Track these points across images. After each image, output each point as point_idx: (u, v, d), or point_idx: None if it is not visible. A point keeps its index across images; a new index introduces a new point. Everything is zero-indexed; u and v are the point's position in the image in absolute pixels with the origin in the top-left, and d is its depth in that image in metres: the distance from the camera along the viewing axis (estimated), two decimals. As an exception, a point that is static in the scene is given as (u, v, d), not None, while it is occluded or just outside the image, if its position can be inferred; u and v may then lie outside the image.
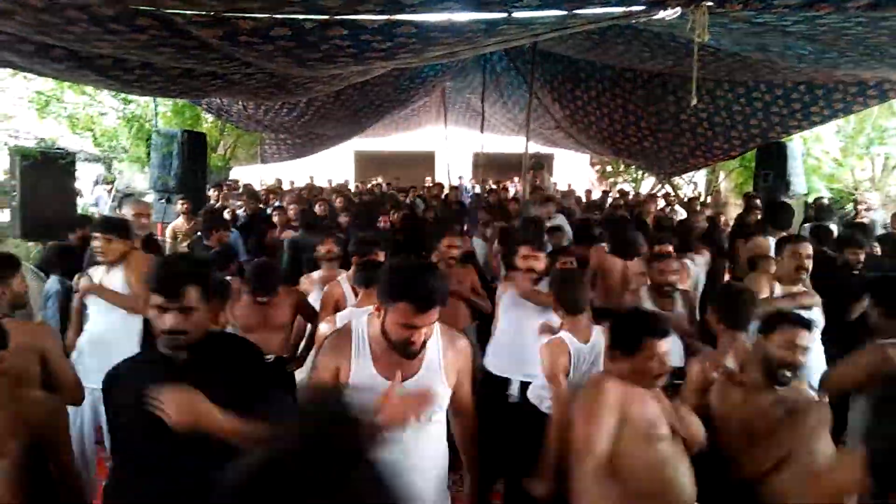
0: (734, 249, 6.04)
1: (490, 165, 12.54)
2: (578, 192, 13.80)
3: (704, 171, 12.83)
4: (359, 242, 4.19)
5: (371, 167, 20.73)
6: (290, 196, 10.05)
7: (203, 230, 5.84)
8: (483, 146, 11.42)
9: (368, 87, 8.48)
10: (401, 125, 15.41)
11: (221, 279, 3.91)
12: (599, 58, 7.84)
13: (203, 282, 1.98)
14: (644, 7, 3.58)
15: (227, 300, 3.69)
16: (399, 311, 2.01)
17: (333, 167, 19.15)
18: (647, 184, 15.69)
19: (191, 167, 8.51)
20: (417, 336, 2.04)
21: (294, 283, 4.67)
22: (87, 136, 9.98)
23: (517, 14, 3.66)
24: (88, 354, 3.58)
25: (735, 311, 3.04)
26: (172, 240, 7.00)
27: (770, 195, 7.84)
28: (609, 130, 9.85)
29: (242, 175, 14.39)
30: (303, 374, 4.10)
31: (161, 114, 9.92)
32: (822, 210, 7.83)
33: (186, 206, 7.06)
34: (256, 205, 8.77)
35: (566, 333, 3.17)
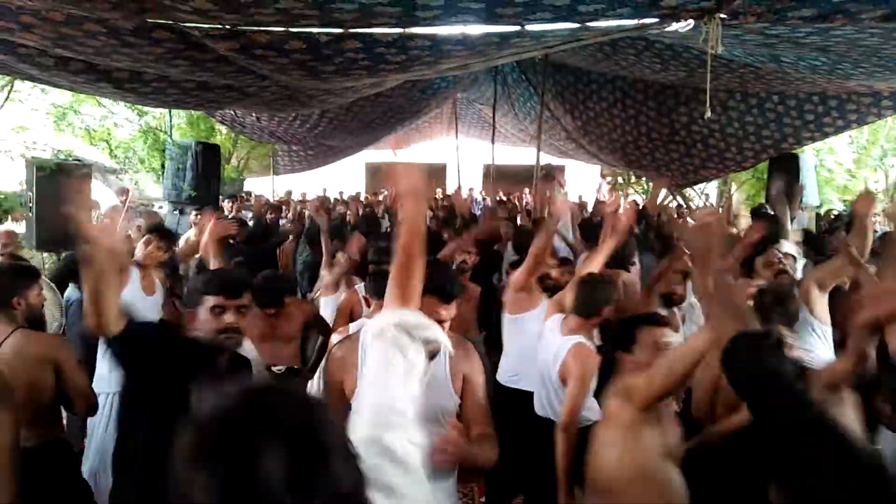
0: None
1: (501, 177, 12.53)
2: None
3: (716, 183, 12.77)
4: (375, 251, 4.20)
5: (382, 178, 20.78)
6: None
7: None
8: (494, 157, 11.43)
9: (381, 99, 8.53)
10: (412, 136, 15.46)
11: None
12: (611, 69, 7.85)
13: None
14: (657, 19, 3.59)
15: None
16: (426, 305, 1.93)
17: (345, 179, 19.22)
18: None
19: (204, 178, 8.59)
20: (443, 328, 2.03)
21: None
22: (104, 148, 10.09)
23: (530, 27, 3.69)
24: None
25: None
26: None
27: (779, 206, 7.79)
28: (621, 141, 9.82)
29: (255, 187, 14.48)
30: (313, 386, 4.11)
31: (176, 125, 10.02)
32: (835, 222, 7.78)
33: (200, 217, 7.11)
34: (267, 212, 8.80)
35: (586, 338, 3.08)
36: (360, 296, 4.00)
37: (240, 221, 6.93)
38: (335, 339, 3.23)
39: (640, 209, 6.11)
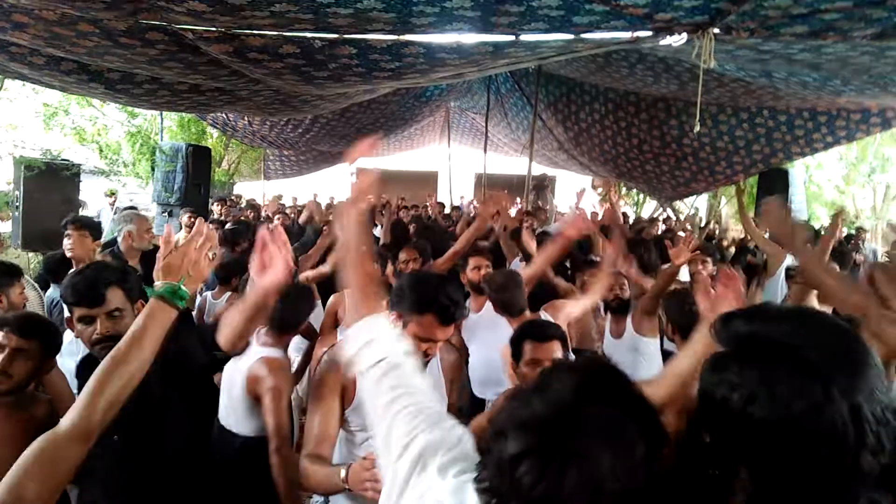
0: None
1: (492, 186, 12.56)
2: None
3: (706, 196, 12.85)
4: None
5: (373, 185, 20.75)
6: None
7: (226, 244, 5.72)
8: (486, 166, 11.46)
9: (374, 105, 8.53)
10: (404, 143, 15.47)
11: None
12: (603, 81, 7.89)
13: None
14: (651, 33, 3.60)
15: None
16: (422, 324, 1.96)
17: (336, 185, 19.19)
18: (649, 208, 15.71)
19: (194, 181, 8.54)
20: (433, 349, 2.01)
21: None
22: (93, 149, 10.02)
23: (525, 37, 3.69)
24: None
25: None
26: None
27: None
28: (612, 153, 9.87)
29: (246, 191, 14.42)
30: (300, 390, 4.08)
31: (166, 128, 9.98)
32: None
33: (191, 220, 7.06)
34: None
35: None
36: (345, 299, 4.01)
37: (219, 223, 6.89)
38: (324, 347, 3.23)
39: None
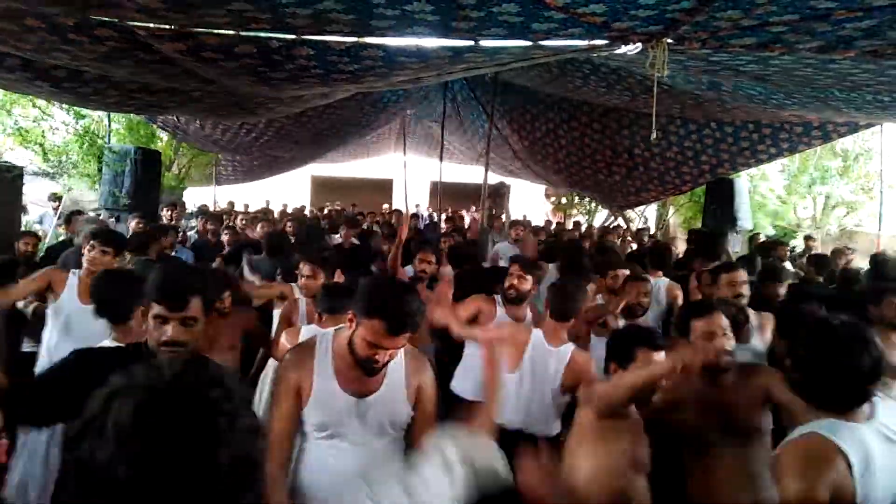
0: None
1: (447, 194, 12.59)
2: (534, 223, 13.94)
3: (655, 205, 13.17)
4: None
5: (327, 192, 20.62)
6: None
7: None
8: (441, 174, 11.49)
9: (330, 111, 8.46)
10: (360, 151, 15.41)
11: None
12: (558, 91, 8.01)
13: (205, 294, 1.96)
14: (607, 42, 3.68)
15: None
16: (370, 328, 1.97)
17: (289, 192, 18.98)
18: (600, 216, 16.01)
19: (144, 185, 8.32)
20: (382, 356, 2.02)
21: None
22: (37, 151, 9.68)
23: (484, 42, 3.72)
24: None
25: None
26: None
27: (716, 229, 8.05)
28: (565, 162, 10.02)
29: (197, 196, 14.11)
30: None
31: (114, 130, 9.71)
32: (764, 246, 8.03)
33: (140, 225, 6.85)
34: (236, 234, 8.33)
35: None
36: (300, 303, 4.07)
37: (171, 227, 6.73)
38: (285, 342, 3.25)
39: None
